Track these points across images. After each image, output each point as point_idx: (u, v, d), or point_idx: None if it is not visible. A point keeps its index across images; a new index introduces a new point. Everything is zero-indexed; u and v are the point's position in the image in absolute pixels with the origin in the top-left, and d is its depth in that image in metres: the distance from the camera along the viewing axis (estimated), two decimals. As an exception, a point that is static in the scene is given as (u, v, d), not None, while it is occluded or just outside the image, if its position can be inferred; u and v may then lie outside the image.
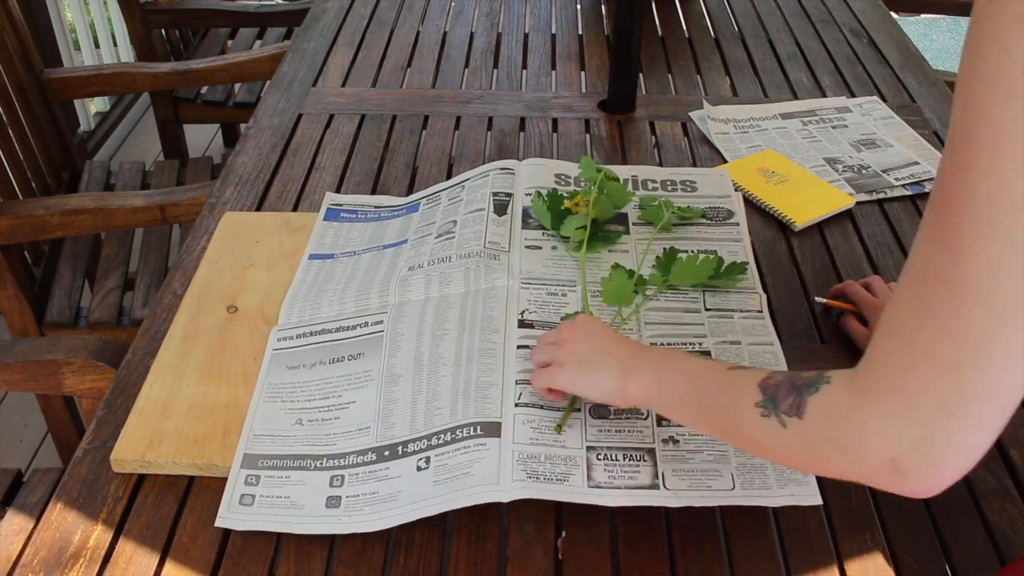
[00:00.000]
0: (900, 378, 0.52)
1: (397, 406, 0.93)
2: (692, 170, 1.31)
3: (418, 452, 0.88)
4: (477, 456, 0.86)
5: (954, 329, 0.49)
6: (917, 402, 0.51)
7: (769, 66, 1.69)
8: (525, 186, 1.21)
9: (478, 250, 1.10)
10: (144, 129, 3.04)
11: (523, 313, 1.01)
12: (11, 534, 1.13)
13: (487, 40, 1.76)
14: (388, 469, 0.87)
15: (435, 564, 0.82)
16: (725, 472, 0.86)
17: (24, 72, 1.82)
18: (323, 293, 1.08)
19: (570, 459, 0.86)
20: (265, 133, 1.45)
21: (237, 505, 0.85)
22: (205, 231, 1.21)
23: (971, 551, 0.84)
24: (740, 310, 1.04)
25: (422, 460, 0.87)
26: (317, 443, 0.90)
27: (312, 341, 1.02)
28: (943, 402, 0.50)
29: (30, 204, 1.60)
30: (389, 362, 0.98)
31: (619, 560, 0.82)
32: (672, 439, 0.88)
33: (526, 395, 0.91)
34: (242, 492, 0.86)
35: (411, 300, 1.05)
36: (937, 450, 0.52)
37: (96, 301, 1.67)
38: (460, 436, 0.88)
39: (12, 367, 1.17)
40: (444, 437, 0.88)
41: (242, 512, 0.84)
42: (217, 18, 2.46)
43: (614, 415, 0.91)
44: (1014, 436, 0.95)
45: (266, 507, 0.85)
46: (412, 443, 0.89)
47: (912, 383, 0.52)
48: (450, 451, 0.87)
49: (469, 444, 0.87)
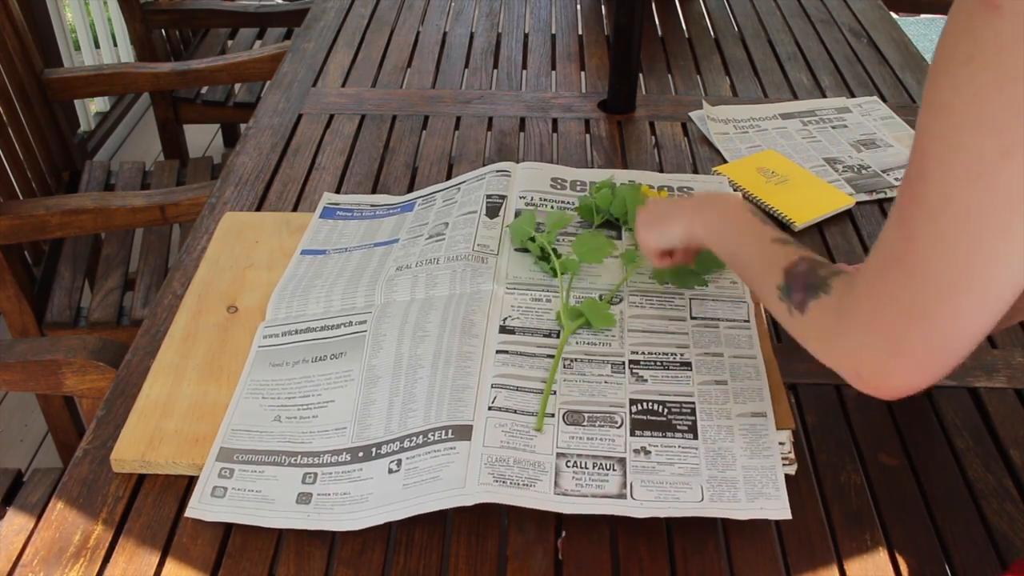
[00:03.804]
0: (868, 314, 0.65)
1: (374, 407, 0.93)
2: (688, 176, 1.31)
3: (390, 454, 0.88)
4: (446, 460, 0.85)
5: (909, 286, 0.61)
6: (876, 336, 0.65)
7: (769, 66, 1.69)
8: (520, 189, 1.21)
9: (466, 253, 1.09)
10: (144, 129, 3.04)
11: (505, 320, 1.01)
12: (11, 534, 1.13)
13: (487, 40, 1.76)
14: (361, 470, 0.87)
15: (435, 564, 0.82)
16: (695, 484, 0.85)
17: (24, 72, 1.82)
18: (311, 289, 1.08)
19: (539, 464, 0.86)
20: (265, 133, 1.45)
21: (209, 497, 0.85)
22: (205, 231, 1.21)
23: (971, 551, 0.84)
24: (726, 319, 1.02)
25: (394, 463, 0.87)
26: (293, 440, 0.91)
27: (297, 339, 1.02)
28: (894, 342, 0.63)
29: (30, 204, 1.60)
30: (370, 363, 0.98)
31: (619, 560, 0.82)
32: (644, 449, 0.88)
33: (500, 399, 0.91)
34: (215, 484, 0.86)
35: (396, 301, 1.05)
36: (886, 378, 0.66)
37: (96, 301, 1.67)
38: (432, 439, 0.88)
39: (12, 367, 1.17)
40: (416, 440, 0.88)
41: (212, 503, 0.85)
42: (217, 18, 2.46)
43: (587, 422, 0.90)
44: (1014, 436, 0.95)
45: (237, 500, 0.85)
46: (385, 445, 0.89)
47: (875, 321, 0.65)
48: (421, 454, 0.87)
49: (439, 448, 0.87)
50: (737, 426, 0.90)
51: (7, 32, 1.78)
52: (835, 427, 0.96)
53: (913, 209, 0.60)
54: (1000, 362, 1.04)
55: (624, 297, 1.05)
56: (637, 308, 1.04)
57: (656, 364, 0.97)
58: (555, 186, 1.23)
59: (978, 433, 0.96)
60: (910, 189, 0.60)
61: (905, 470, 0.92)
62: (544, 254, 1.09)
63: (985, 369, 1.03)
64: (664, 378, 0.95)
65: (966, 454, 0.94)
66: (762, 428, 0.89)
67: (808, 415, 0.97)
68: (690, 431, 0.90)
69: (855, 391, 0.99)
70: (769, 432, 0.89)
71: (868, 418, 0.97)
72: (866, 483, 0.90)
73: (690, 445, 0.88)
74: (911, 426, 0.96)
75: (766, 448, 0.88)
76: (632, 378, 0.95)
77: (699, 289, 1.06)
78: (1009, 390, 1.01)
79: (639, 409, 0.92)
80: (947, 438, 0.95)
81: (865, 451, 0.94)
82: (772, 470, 0.86)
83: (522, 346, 0.98)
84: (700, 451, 0.88)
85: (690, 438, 0.89)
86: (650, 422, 0.90)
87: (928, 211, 0.59)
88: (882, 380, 0.66)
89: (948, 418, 0.97)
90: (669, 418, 0.91)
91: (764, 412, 0.91)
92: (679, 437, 0.89)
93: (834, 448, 0.94)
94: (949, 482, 0.91)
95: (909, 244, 0.61)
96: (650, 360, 0.97)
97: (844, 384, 1.01)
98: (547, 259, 1.08)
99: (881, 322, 0.64)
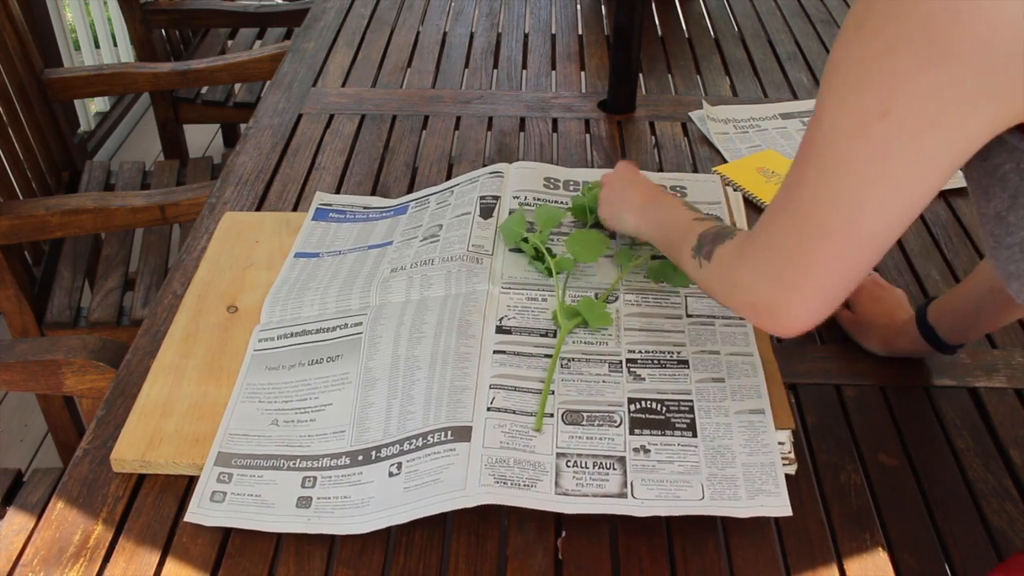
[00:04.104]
0: (762, 251, 0.73)
1: (373, 410, 0.93)
2: (682, 175, 1.30)
3: (390, 457, 0.88)
4: (447, 462, 0.85)
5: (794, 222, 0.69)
6: (765, 266, 0.72)
7: (769, 66, 1.69)
8: (513, 189, 1.21)
9: (461, 254, 1.09)
10: (144, 129, 3.04)
11: (501, 319, 1.01)
12: (11, 534, 1.13)
13: (487, 40, 1.76)
14: (361, 474, 0.87)
15: (435, 564, 0.82)
16: (695, 483, 0.85)
17: (24, 72, 1.82)
18: (305, 292, 1.08)
19: (539, 465, 0.86)
20: (265, 133, 1.45)
21: (208, 501, 0.85)
22: (205, 231, 1.21)
23: (971, 550, 0.84)
24: (722, 317, 1.02)
25: (394, 466, 0.87)
26: (292, 444, 0.90)
27: (292, 342, 1.02)
28: (780, 272, 0.71)
29: (30, 204, 1.60)
30: (367, 365, 0.98)
31: (619, 560, 0.82)
32: (643, 448, 0.88)
33: (499, 399, 0.91)
34: (214, 489, 0.86)
35: (391, 302, 1.05)
36: (777, 311, 0.72)
37: (96, 301, 1.67)
38: (431, 441, 0.88)
39: (12, 367, 1.17)
40: (416, 442, 0.88)
41: (212, 508, 0.85)
42: (217, 18, 2.45)
43: (586, 422, 0.91)
44: (1014, 436, 0.95)
45: (236, 504, 0.85)
46: (385, 448, 0.89)
47: (764, 253, 0.72)
48: (421, 456, 0.87)
49: (440, 450, 0.87)
50: (736, 423, 0.90)
51: (7, 32, 1.78)
52: (835, 427, 0.96)
53: (805, 154, 0.67)
54: (1000, 362, 1.04)
55: (620, 296, 1.05)
56: (633, 307, 1.04)
57: (653, 362, 0.97)
58: (548, 186, 1.23)
59: (978, 433, 0.96)
60: (807, 136, 0.67)
61: (905, 470, 0.92)
62: (538, 254, 1.09)
63: (985, 369, 1.03)
64: (662, 376, 0.95)
65: (966, 454, 0.94)
66: (760, 425, 0.90)
67: (808, 415, 0.97)
68: (689, 429, 0.90)
69: (855, 391, 1.00)
70: (767, 429, 0.89)
71: (868, 418, 0.97)
72: (866, 483, 0.90)
73: (689, 443, 0.88)
74: (911, 426, 0.96)
75: (765, 445, 0.88)
76: (630, 377, 0.95)
77: (694, 287, 1.06)
78: (1009, 390, 1.01)
79: (638, 408, 0.92)
80: (947, 438, 0.95)
81: (865, 451, 0.94)
82: (771, 467, 0.86)
83: (519, 346, 0.98)
84: (699, 449, 0.88)
85: (689, 436, 0.89)
86: (649, 420, 0.90)
87: (816, 157, 0.66)
88: (773, 313, 0.72)
89: (948, 418, 0.97)
90: (668, 416, 0.91)
91: (762, 409, 0.91)
92: (678, 435, 0.89)
93: (834, 448, 0.94)
94: (949, 482, 0.91)
95: (798, 185, 0.68)
96: (647, 359, 0.97)
97: (844, 384, 1.01)
98: (541, 259, 1.08)
99: (769, 254, 0.72)
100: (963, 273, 1.17)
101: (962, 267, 1.19)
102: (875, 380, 1.02)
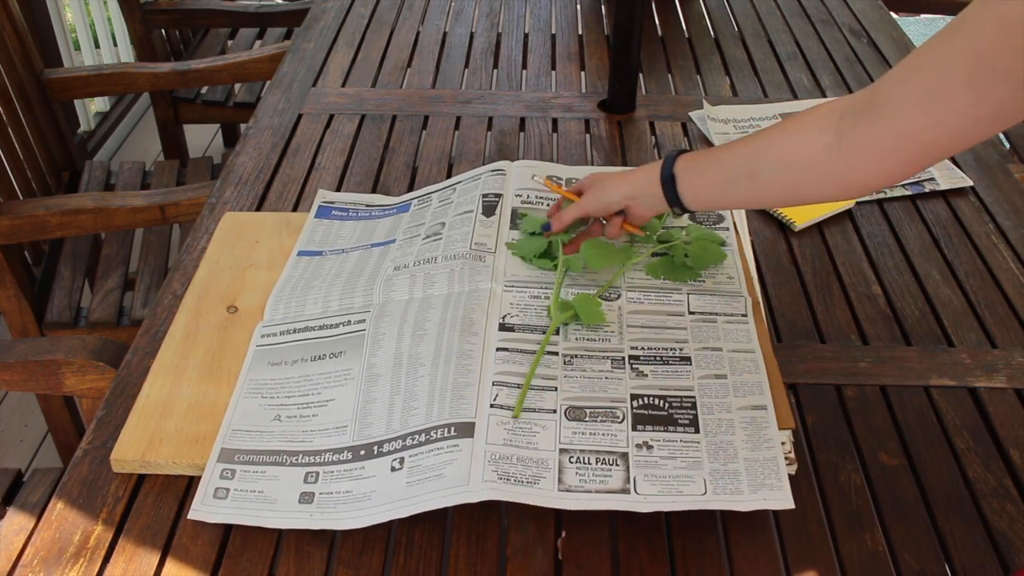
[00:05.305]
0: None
1: (375, 405, 0.93)
2: None
3: (393, 452, 0.88)
4: (450, 457, 0.86)
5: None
6: None
7: (769, 66, 1.70)
8: (515, 187, 1.21)
9: (464, 252, 1.10)
10: (144, 129, 3.04)
11: (504, 317, 1.01)
12: (11, 534, 1.13)
13: (487, 40, 1.76)
14: (363, 468, 0.87)
15: (435, 564, 0.82)
16: (698, 478, 0.85)
17: (24, 72, 1.82)
18: (309, 290, 1.08)
19: (542, 461, 0.86)
20: (265, 133, 1.45)
21: (211, 498, 0.85)
22: (205, 231, 1.21)
23: (971, 551, 0.84)
24: (724, 313, 1.03)
25: (396, 460, 0.87)
26: (294, 439, 0.91)
27: (295, 338, 1.02)
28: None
29: (30, 204, 1.60)
30: (369, 361, 0.98)
31: (619, 560, 0.82)
32: (646, 444, 0.88)
33: (502, 396, 0.91)
34: (217, 485, 0.86)
35: (395, 300, 1.05)
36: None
37: (96, 301, 1.67)
38: (434, 437, 0.88)
39: (12, 367, 1.17)
40: (419, 438, 0.88)
41: (215, 505, 0.85)
42: (217, 18, 2.45)
43: (589, 418, 0.91)
44: (1014, 436, 0.95)
45: (239, 501, 0.85)
46: (388, 443, 0.89)
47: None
48: (424, 452, 0.87)
49: (443, 445, 0.87)
50: (738, 419, 0.90)
51: (7, 32, 1.78)
52: (835, 427, 0.96)
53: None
54: (1000, 362, 1.04)
55: (623, 293, 1.05)
56: (636, 304, 1.04)
57: (656, 359, 0.97)
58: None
59: (978, 433, 0.96)
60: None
61: (905, 470, 0.92)
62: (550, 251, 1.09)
63: (985, 369, 1.03)
64: (664, 373, 0.95)
65: (966, 454, 0.94)
66: (763, 421, 0.90)
67: (808, 415, 0.97)
68: (691, 425, 0.90)
69: (855, 391, 1.00)
70: (770, 425, 0.89)
71: (868, 418, 0.97)
72: (866, 483, 0.90)
73: (692, 439, 0.88)
74: (911, 426, 0.96)
75: (767, 440, 0.88)
76: (632, 373, 0.95)
77: (696, 284, 1.06)
78: (1009, 390, 1.01)
79: (640, 404, 0.92)
80: (947, 438, 0.95)
81: (865, 451, 0.94)
82: (774, 461, 0.86)
83: (522, 343, 0.98)
84: (702, 445, 0.88)
85: (691, 432, 0.89)
86: (651, 416, 0.90)
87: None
88: None
89: (948, 418, 0.97)
90: (670, 412, 0.91)
91: (764, 405, 0.91)
92: (680, 431, 0.89)
93: (834, 448, 0.94)
94: (949, 482, 0.91)
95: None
96: (650, 355, 0.97)
97: (844, 384, 1.01)
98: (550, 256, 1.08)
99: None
100: (963, 273, 1.18)
101: (962, 267, 1.19)
102: (875, 380, 1.02)
